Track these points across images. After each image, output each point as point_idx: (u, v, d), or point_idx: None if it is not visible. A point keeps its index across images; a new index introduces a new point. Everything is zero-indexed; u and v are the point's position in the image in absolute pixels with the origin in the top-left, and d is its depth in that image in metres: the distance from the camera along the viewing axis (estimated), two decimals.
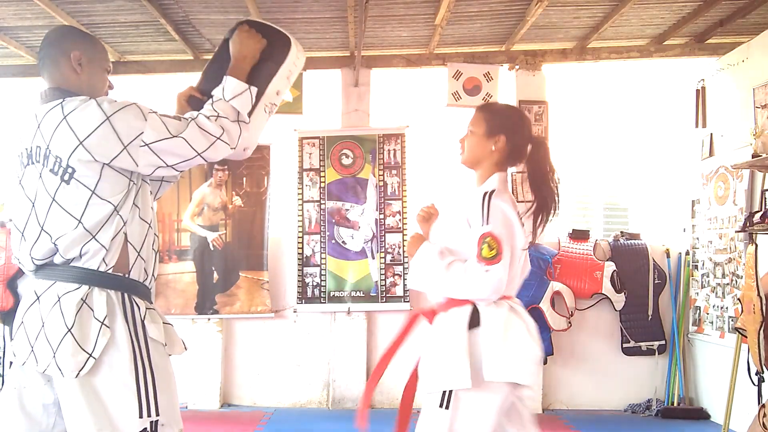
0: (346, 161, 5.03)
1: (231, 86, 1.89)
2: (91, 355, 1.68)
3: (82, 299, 1.74)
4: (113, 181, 1.78)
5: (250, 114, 1.93)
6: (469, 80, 4.96)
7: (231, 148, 1.87)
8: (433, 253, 2.09)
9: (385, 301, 4.93)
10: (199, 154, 1.82)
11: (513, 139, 2.15)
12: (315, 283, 4.96)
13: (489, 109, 2.27)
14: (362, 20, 3.92)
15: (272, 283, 4.98)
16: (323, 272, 4.95)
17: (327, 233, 4.97)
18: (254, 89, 1.93)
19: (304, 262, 4.98)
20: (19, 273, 4.85)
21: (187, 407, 4.72)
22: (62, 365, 1.69)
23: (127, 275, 1.80)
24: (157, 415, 1.71)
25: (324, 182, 5.02)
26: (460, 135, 2.27)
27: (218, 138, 1.83)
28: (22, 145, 1.90)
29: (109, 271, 1.77)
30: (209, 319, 4.92)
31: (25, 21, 4.26)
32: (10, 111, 5.39)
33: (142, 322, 1.77)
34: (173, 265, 4.93)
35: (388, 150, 5.04)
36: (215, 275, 4.92)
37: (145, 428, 1.69)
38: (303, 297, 4.97)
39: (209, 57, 2.20)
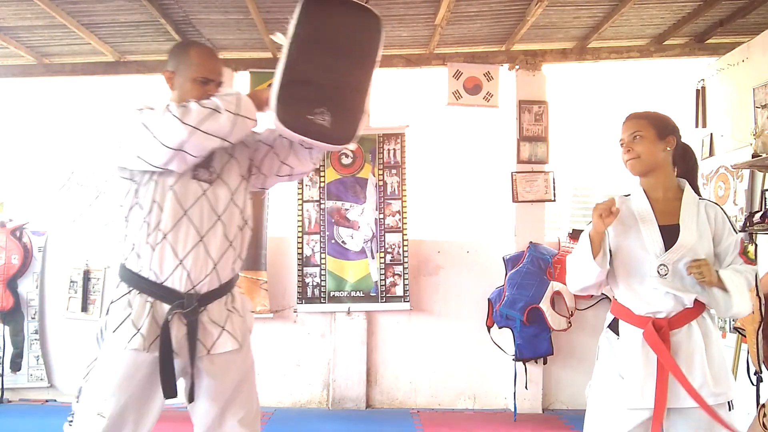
0: (345, 161, 5.03)
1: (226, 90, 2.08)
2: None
3: None
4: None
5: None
6: (469, 79, 4.96)
7: (179, 126, 1.91)
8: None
9: (385, 301, 4.93)
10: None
11: (679, 141, 2.24)
12: (315, 283, 4.96)
13: (648, 114, 2.26)
14: None
15: (272, 283, 4.98)
16: (323, 272, 4.95)
17: (327, 233, 4.97)
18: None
19: (303, 262, 4.98)
20: (19, 273, 4.86)
21: (186, 407, 4.72)
22: None
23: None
24: (84, 379, 2.02)
25: (324, 182, 5.02)
26: (625, 140, 2.26)
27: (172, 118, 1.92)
28: None
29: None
30: None
31: (25, 21, 4.26)
32: (10, 111, 5.40)
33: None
34: None
35: (388, 150, 5.04)
36: None
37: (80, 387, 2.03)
38: (303, 297, 4.97)
39: None
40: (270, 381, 5.03)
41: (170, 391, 1.95)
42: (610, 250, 2.22)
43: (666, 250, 2.12)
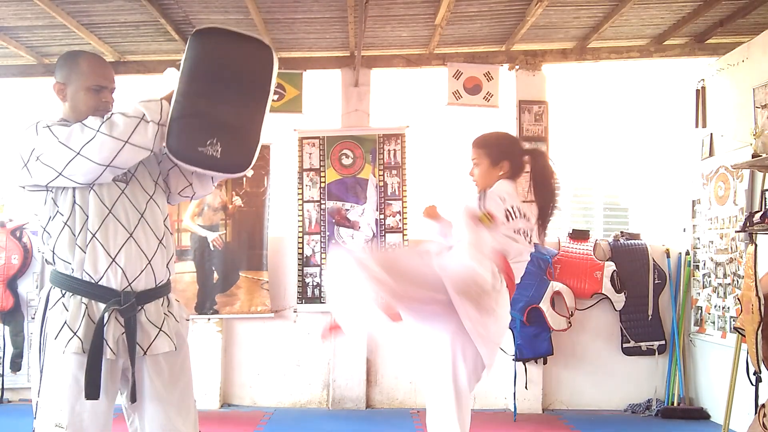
0: (346, 161, 5.04)
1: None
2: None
3: None
4: None
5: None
6: (469, 79, 4.96)
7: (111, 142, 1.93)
8: None
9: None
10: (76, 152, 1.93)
11: (514, 161, 2.61)
12: (315, 283, 4.96)
13: (486, 142, 2.66)
14: (362, 20, 3.91)
15: (272, 283, 4.99)
16: (323, 272, 4.96)
17: (327, 233, 4.98)
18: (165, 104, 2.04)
19: (304, 262, 4.98)
20: (19, 273, 4.86)
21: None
22: None
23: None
24: (38, 397, 2.00)
25: (324, 182, 5.02)
26: (462, 145, 2.67)
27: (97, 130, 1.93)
28: None
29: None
30: (209, 319, 4.91)
31: (25, 21, 4.26)
32: (10, 111, 5.40)
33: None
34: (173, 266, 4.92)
35: (388, 150, 5.04)
36: (215, 275, 4.92)
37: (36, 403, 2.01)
38: (303, 297, 4.97)
39: None
40: (270, 381, 5.03)
41: (93, 392, 1.93)
42: None
43: None
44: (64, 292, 2.01)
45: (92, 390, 1.94)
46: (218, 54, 2.09)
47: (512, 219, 2.50)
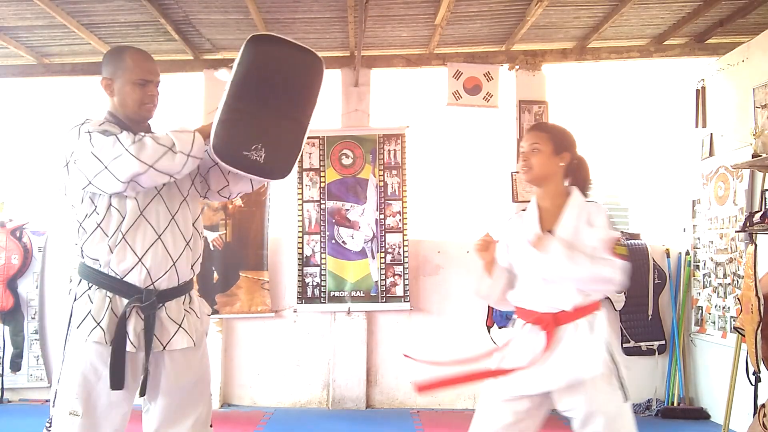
0: (346, 161, 5.04)
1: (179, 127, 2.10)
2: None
3: None
4: None
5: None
6: (469, 80, 4.96)
7: (138, 164, 1.96)
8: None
9: (385, 301, 4.93)
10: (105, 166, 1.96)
11: (573, 156, 2.40)
12: (315, 283, 4.96)
13: (551, 128, 2.46)
14: (362, 20, 3.92)
15: (272, 283, 4.99)
16: (323, 272, 4.96)
17: (327, 233, 4.97)
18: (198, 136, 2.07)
19: (304, 262, 4.98)
20: (19, 273, 4.86)
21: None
22: None
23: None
24: (57, 385, 2.08)
25: (324, 182, 5.02)
26: (523, 149, 2.39)
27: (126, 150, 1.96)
28: None
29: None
30: None
31: (25, 21, 4.26)
32: (10, 111, 5.40)
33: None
34: None
35: (388, 150, 5.04)
36: (215, 275, 4.92)
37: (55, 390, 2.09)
38: (303, 297, 4.97)
39: (209, 57, 2.24)
40: (270, 381, 5.03)
41: (117, 382, 1.99)
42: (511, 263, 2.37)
43: None
44: (90, 285, 2.07)
45: (117, 380, 1.99)
46: (271, 61, 2.13)
47: None
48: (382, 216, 4.98)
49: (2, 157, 5.45)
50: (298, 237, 5.01)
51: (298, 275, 4.98)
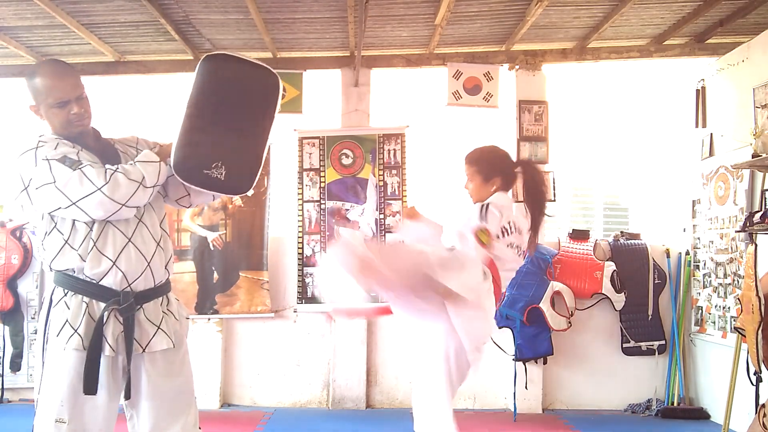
0: (346, 161, 5.04)
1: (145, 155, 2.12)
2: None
3: None
4: None
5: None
6: (469, 80, 4.96)
7: (111, 201, 2.00)
8: None
9: (386, 301, 4.91)
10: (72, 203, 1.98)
11: (506, 175, 2.72)
12: (315, 283, 4.96)
13: (477, 159, 2.78)
14: (362, 20, 3.92)
15: (272, 283, 4.99)
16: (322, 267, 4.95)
17: (327, 233, 4.97)
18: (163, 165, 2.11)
19: (304, 262, 4.98)
20: (19, 273, 4.86)
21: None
22: None
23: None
24: (38, 394, 2.05)
25: (324, 182, 5.02)
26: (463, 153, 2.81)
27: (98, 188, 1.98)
28: None
29: None
30: (209, 319, 4.91)
31: (25, 21, 4.26)
32: (10, 111, 5.40)
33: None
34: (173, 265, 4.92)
35: (388, 150, 5.04)
36: (215, 275, 4.92)
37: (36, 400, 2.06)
38: (303, 297, 4.97)
39: None
40: (270, 381, 5.03)
41: (90, 387, 1.98)
42: None
43: None
44: (66, 291, 2.06)
45: (90, 385, 1.99)
46: (225, 80, 2.14)
47: (507, 235, 2.59)
48: (381, 216, 4.98)
49: (2, 157, 5.44)
50: (298, 237, 5.01)
51: (298, 275, 4.98)
